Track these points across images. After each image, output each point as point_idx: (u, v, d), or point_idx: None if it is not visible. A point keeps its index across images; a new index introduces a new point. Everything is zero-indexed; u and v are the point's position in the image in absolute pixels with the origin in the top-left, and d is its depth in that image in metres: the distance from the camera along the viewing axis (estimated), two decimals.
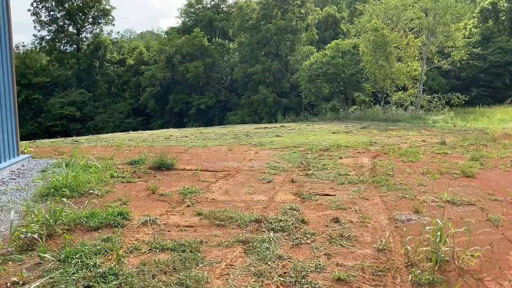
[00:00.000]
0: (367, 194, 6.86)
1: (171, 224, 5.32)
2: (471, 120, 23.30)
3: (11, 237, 4.56)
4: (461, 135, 15.64)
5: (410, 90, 28.01)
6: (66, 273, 3.85)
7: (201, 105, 39.87)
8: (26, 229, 4.69)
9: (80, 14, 46.30)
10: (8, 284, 3.72)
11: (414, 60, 27.26)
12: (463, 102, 28.15)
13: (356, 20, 34.22)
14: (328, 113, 30.57)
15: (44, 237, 4.59)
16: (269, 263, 4.18)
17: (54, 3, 45.50)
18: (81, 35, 47.19)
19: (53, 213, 4.97)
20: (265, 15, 39.06)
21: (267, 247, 4.55)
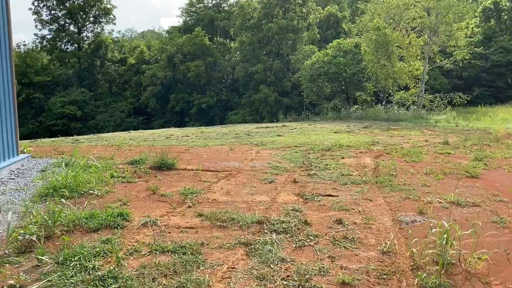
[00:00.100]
0: (370, 195, 6.77)
1: (172, 225, 5.24)
2: (473, 120, 23.21)
3: (9, 238, 4.48)
4: (463, 135, 15.53)
5: (412, 90, 27.90)
6: (64, 276, 3.77)
7: (202, 104, 39.78)
8: (24, 230, 4.61)
9: (81, 13, 46.26)
10: (5, 287, 3.64)
11: (416, 59, 27.15)
12: (465, 102, 28.04)
13: (358, 19, 34.13)
14: (329, 112, 30.43)
15: (42, 238, 4.50)
16: (271, 266, 4.10)
17: (55, 2, 45.46)
18: (82, 34, 47.14)
19: (51, 214, 4.89)
20: (266, 14, 38.94)
21: (270, 250, 4.46)
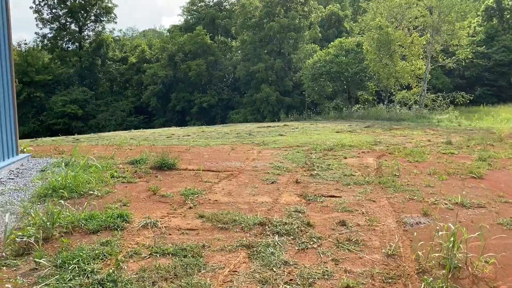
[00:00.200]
0: (374, 196, 6.67)
1: (173, 227, 5.16)
2: (476, 119, 23.08)
3: (6, 241, 4.40)
4: (466, 135, 15.42)
5: (414, 89, 27.78)
6: (63, 279, 3.69)
7: (203, 103, 39.69)
8: (22, 232, 4.52)
9: (82, 12, 46.23)
10: None
11: (418, 58, 27.01)
12: (468, 101, 27.91)
13: (359, 18, 34.02)
14: (331, 112, 30.32)
15: (40, 240, 4.41)
16: (274, 269, 4.01)
17: (56, 1, 45.44)
18: (83, 33, 47.08)
19: (50, 215, 4.80)
20: (268, 13, 38.82)
21: (272, 252, 4.37)
